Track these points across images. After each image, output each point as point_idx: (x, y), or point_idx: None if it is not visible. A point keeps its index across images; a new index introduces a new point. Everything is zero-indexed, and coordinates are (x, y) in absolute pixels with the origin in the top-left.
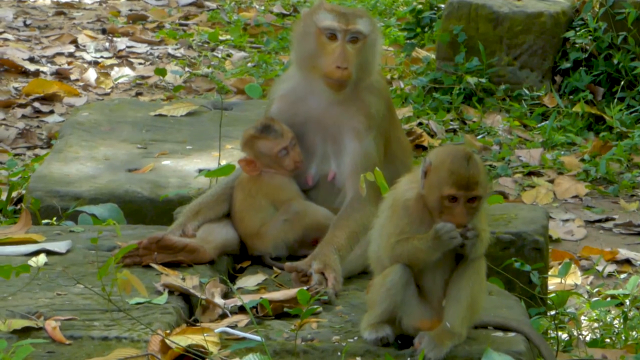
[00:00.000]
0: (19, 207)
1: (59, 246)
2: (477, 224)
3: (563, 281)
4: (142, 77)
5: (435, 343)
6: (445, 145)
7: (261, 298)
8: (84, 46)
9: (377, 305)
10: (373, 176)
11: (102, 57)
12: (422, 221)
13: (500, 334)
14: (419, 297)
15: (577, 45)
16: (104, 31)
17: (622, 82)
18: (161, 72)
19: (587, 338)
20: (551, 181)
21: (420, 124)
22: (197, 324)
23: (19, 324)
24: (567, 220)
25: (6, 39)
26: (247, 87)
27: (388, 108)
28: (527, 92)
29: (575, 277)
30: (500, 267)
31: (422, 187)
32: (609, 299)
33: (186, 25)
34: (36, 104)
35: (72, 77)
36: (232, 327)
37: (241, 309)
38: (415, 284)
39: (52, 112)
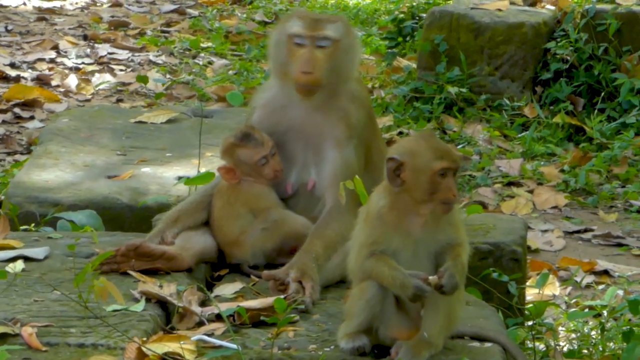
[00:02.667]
0: None
1: (37, 252)
2: (457, 237)
3: (541, 292)
4: (123, 84)
5: (413, 353)
6: (403, 138)
7: (238, 306)
8: (65, 52)
9: (356, 316)
10: (353, 184)
11: (83, 63)
12: (396, 230)
13: (476, 344)
14: (397, 308)
15: (558, 56)
16: (85, 37)
17: (603, 94)
18: (143, 79)
19: (565, 349)
20: (531, 191)
21: (400, 133)
22: (174, 332)
23: None
24: (546, 231)
25: None
26: (228, 95)
27: (369, 118)
28: (507, 102)
29: (553, 288)
30: (478, 278)
31: (398, 184)
32: (586, 309)
33: (168, 32)
34: (16, 110)
35: (53, 83)
36: (208, 335)
37: (218, 317)
38: (394, 294)
39: (32, 117)
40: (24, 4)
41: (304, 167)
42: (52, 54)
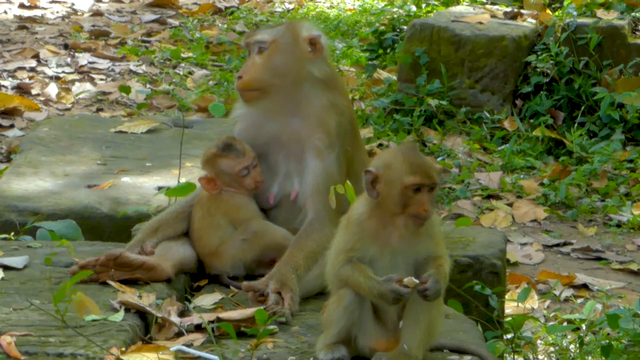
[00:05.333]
0: None
1: (16, 261)
2: (436, 250)
3: (521, 305)
4: (104, 93)
5: None
6: (385, 150)
7: (217, 317)
8: (46, 61)
9: (334, 324)
10: (343, 189)
11: (63, 72)
12: (374, 238)
13: (456, 357)
14: (374, 317)
15: (538, 70)
16: (66, 46)
17: (583, 107)
18: (126, 89)
19: None
20: (510, 205)
21: (380, 145)
22: (153, 342)
23: None
24: (525, 244)
25: None
26: (210, 106)
27: (351, 127)
28: (487, 115)
29: (532, 301)
30: (461, 290)
31: (374, 195)
32: (565, 323)
33: (148, 42)
34: None
35: (33, 91)
36: (187, 346)
37: (197, 328)
38: (371, 303)
39: (12, 126)
40: (5, 12)
41: (287, 178)
42: (33, 63)
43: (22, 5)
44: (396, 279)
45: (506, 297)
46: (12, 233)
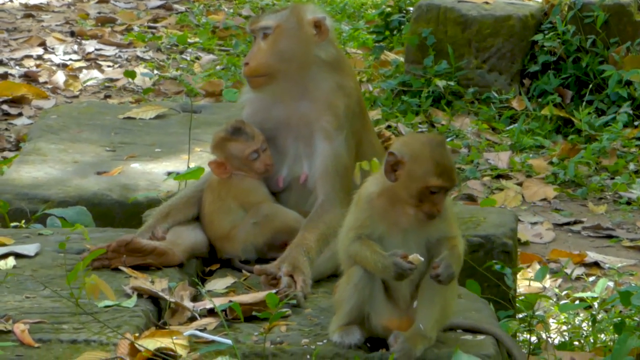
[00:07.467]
0: None
1: (28, 249)
2: (449, 231)
3: (533, 284)
4: (111, 80)
5: (409, 345)
6: (413, 135)
7: (230, 301)
8: (53, 49)
9: (345, 303)
10: (369, 165)
11: (70, 59)
12: (384, 217)
13: (469, 336)
14: (386, 296)
15: (545, 48)
16: (72, 34)
17: (591, 85)
18: (130, 74)
19: (556, 341)
20: (520, 184)
21: (388, 126)
22: (166, 327)
23: None
24: (535, 223)
25: None
26: (225, 92)
27: (359, 108)
28: (495, 95)
29: (544, 280)
30: (470, 269)
31: (392, 179)
32: (577, 301)
33: (155, 27)
34: (4, 107)
35: (41, 79)
36: (201, 330)
37: (210, 312)
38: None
39: (20, 114)
40: (11, 1)
41: (296, 161)
42: (40, 51)
43: None
44: (401, 255)
45: (518, 276)
46: (23, 221)
